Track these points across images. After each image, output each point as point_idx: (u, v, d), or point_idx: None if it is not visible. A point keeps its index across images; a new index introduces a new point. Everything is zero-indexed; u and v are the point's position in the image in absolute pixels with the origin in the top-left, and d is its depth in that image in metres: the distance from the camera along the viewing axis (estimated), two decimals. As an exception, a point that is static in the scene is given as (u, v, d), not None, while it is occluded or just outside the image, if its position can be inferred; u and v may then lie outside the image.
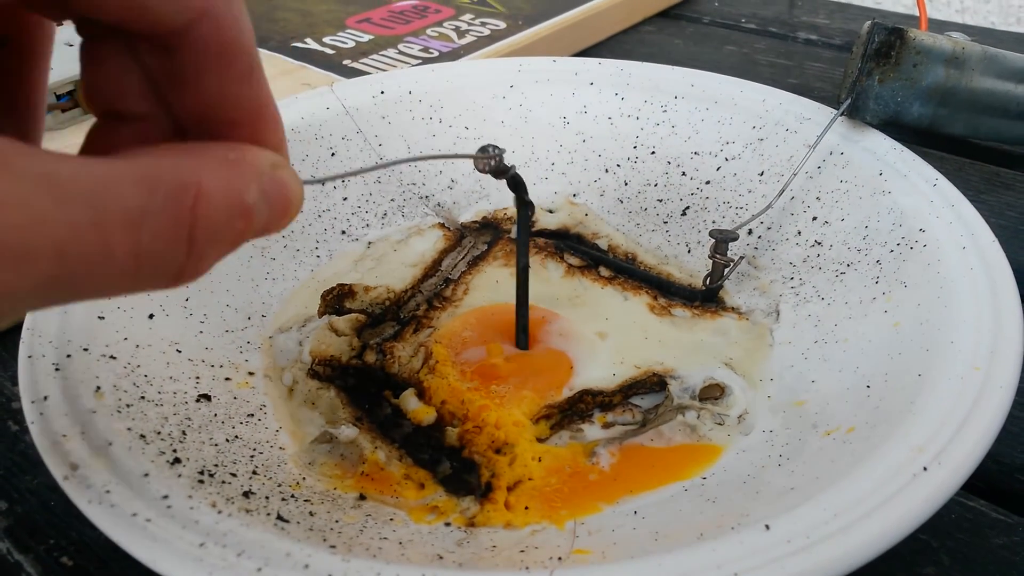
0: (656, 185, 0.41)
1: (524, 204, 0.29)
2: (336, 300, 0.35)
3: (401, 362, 0.32)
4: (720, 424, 0.29)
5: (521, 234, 0.30)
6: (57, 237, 0.13)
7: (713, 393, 0.31)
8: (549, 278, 0.37)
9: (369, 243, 0.39)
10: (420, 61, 0.55)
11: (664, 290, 0.37)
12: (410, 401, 0.31)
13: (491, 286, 0.37)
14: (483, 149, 0.25)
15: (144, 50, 0.17)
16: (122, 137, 0.18)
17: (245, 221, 0.16)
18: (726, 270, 0.35)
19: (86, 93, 0.18)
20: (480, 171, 0.25)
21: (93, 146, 0.18)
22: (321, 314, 0.35)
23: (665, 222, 0.40)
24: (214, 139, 0.18)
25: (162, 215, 0.14)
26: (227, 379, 0.30)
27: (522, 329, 0.32)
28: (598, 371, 0.32)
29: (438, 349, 0.32)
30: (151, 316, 0.30)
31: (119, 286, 0.15)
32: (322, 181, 0.21)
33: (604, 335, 0.34)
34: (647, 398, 0.31)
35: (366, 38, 0.59)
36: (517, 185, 0.28)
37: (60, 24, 0.19)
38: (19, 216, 0.13)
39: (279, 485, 0.25)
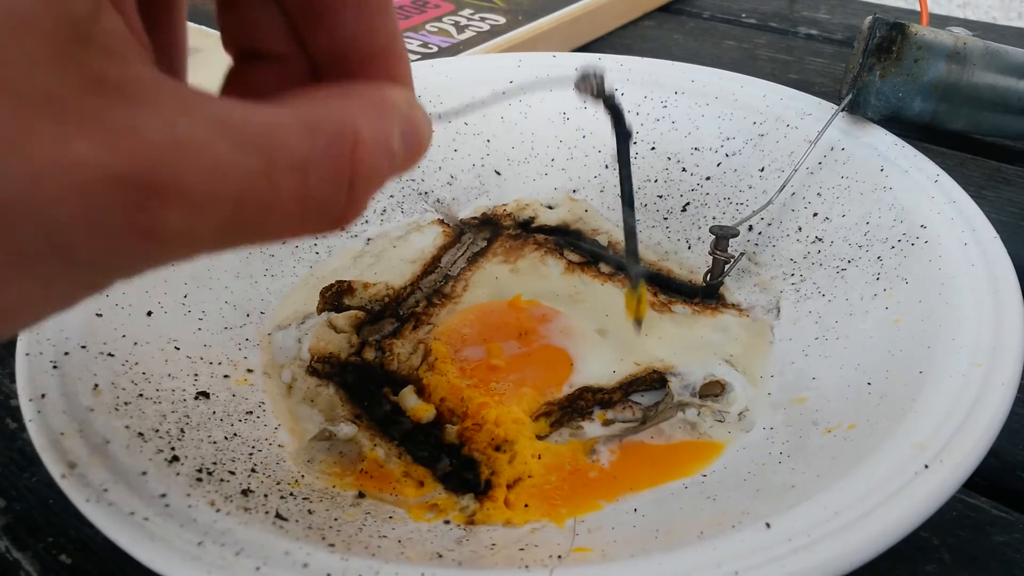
0: (656, 181, 0.41)
1: (623, 135, 0.26)
2: (335, 297, 0.35)
3: (400, 359, 0.32)
4: (720, 421, 0.29)
5: (623, 169, 0.27)
6: (235, 182, 0.13)
7: (714, 390, 0.31)
8: (549, 275, 0.37)
9: (368, 239, 0.39)
10: (419, 56, 0.55)
11: (664, 286, 0.36)
12: (409, 398, 0.30)
13: (491, 283, 0.37)
14: (583, 72, 0.23)
15: None
16: (259, 78, 0.18)
17: (391, 163, 0.16)
18: (726, 266, 0.35)
19: (223, 36, 0.18)
20: (581, 93, 0.23)
21: (231, 89, 0.18)
22: (320, 311, 0.34)
23: (665, 218, 0.40)
24: (349, 76, 0.18)
25: (325, 161, 0.14)
26: (226, 376, 0.30)
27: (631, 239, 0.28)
28: (598, 368, 0.32)
29: (437, 346, 0.32)
30: (149, 313, 0.29)
31: (285, 231, 0.14)
32: (448, 118, 0.20)
33: (604, 332, 0.33)
34: (647, 395, 0.31)
35: (365, 33, 0.59)
36: (617, 114, 0.25)
37: None
38: (203, 161, 0.13)
39: (278, 483, 0.25)
